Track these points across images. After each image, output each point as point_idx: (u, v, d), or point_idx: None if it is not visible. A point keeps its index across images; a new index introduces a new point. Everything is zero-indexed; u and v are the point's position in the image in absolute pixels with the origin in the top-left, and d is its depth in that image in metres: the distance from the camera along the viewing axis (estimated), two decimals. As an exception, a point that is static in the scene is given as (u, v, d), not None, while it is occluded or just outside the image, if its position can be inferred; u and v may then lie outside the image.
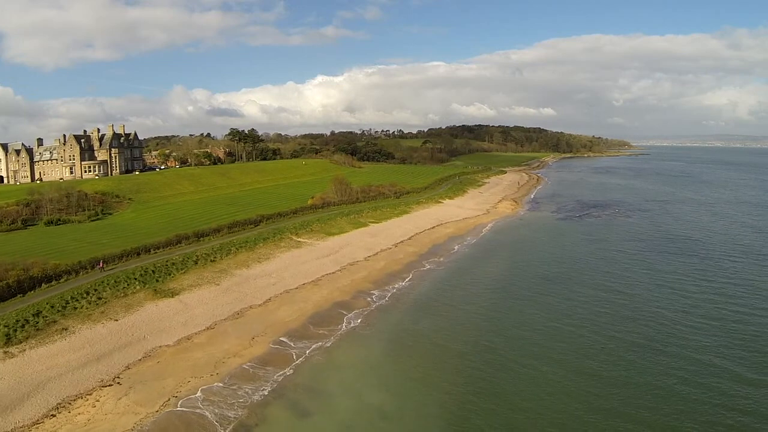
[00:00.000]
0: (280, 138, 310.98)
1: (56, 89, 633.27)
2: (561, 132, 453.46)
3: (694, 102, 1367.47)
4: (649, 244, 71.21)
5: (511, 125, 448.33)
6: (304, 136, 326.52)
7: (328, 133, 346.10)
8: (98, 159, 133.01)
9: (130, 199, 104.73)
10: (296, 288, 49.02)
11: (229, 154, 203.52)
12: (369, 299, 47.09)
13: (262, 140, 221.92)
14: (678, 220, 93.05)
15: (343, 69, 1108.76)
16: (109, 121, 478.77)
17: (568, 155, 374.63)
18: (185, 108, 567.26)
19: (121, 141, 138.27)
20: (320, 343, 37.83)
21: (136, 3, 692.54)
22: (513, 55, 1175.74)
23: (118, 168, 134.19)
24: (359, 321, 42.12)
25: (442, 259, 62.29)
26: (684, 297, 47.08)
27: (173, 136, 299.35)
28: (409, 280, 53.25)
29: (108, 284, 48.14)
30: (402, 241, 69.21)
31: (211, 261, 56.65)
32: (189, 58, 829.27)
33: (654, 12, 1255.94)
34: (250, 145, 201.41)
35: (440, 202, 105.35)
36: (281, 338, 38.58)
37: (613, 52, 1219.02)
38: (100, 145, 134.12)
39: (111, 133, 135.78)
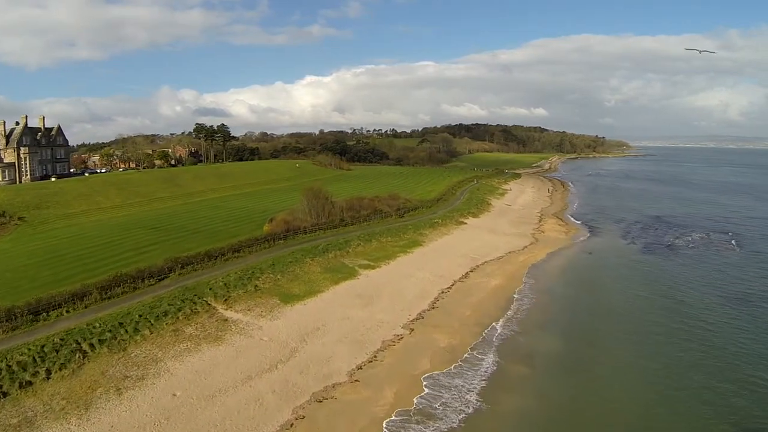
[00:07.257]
0: (264, 137, 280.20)
1: (41, 89, 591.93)
2: (564, 132, 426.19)
3: (686, 103, 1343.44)
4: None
5: (510, 124, 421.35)
6: (291, 135, 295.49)
7: (317, 132, 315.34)
8: (4, 161, 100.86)
9: (21, 218, 73.39)
10: None
11: (194, 153, 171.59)
12: None
13: (234, 138, 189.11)
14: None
15: (331, 69, 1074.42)
16: (96, 121, 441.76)
17: (573, 156, 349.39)
18: (173, 108, 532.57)
19: (38, 138, 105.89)
20: None
21: (117, 1, 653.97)
22: (502, 55, 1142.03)
23: (29, 173, 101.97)
24: None
25: (506, 371, 30.93)
26: None
27: (154, 135, 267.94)
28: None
29: None
30: (421, 314, 37.53)
31: (12, 397, 25.59)
32: (175, 57, 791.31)
33: (644, 12, 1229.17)
34: (220, 143, 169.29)
35: (462, 222, 73.77)
36: None
37: (604, 53, 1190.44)
38: (7, 143, 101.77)
39: (23, 127, 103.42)
